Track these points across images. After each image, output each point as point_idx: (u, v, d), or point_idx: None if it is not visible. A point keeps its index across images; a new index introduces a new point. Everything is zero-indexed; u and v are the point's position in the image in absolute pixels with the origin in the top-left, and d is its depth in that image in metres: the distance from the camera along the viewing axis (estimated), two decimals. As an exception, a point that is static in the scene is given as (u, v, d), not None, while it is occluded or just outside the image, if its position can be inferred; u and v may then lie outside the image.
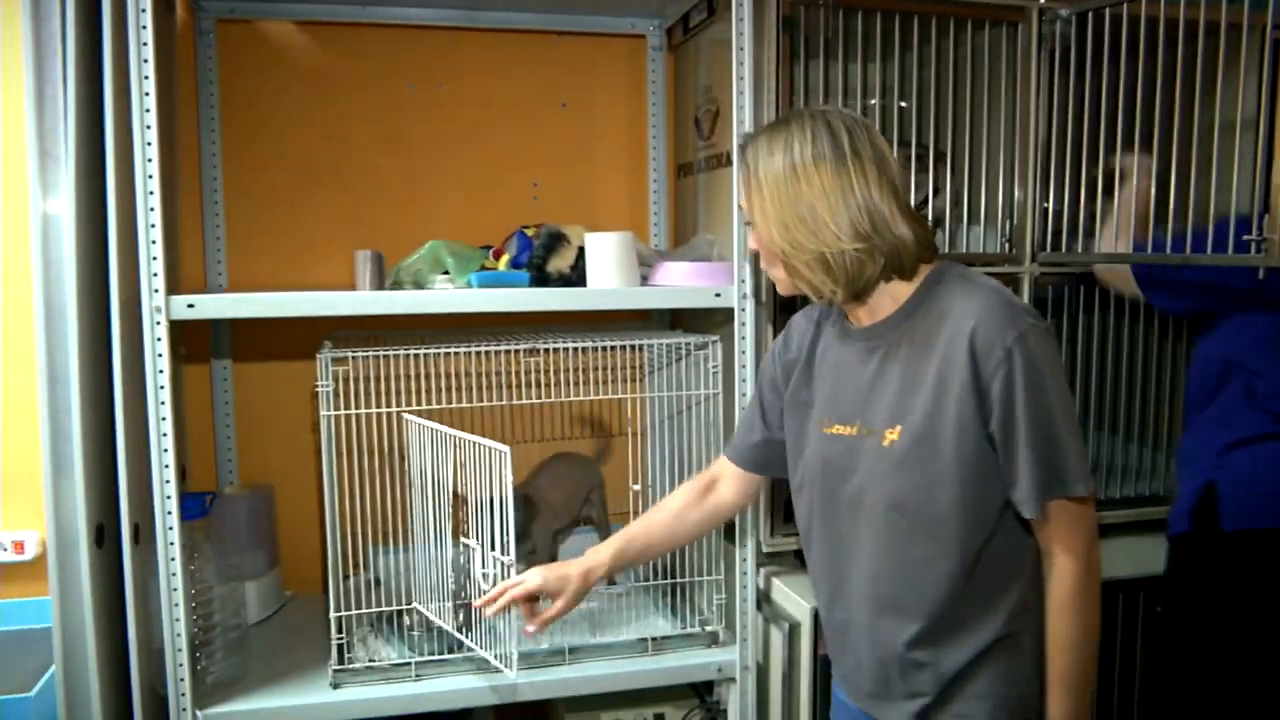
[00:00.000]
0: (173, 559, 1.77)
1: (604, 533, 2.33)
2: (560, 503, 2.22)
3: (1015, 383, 1.28)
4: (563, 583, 1.66)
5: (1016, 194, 2.16)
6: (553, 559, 2.16)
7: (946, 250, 2.13)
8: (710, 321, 2.15)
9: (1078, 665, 1.37)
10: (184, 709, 1.80)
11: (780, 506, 2.08)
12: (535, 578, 1.66)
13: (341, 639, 1.94)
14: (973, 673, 1.39)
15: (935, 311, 1.36)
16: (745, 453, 1.69)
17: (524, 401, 2.10)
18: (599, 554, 1.69)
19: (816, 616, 1.91)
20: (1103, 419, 2.29)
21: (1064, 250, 2.16)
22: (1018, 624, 1.39)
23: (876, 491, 1.39)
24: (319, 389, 1.85)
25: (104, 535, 1.79)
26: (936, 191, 2.11)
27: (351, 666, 1.94)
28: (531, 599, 1.67)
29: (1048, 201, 2.16)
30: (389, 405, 1.91)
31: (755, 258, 1.55)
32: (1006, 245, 2.16)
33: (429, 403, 1.93)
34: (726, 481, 1.73)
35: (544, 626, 1.66)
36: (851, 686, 1.52)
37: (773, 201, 1.37)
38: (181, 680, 1.80)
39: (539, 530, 2.16)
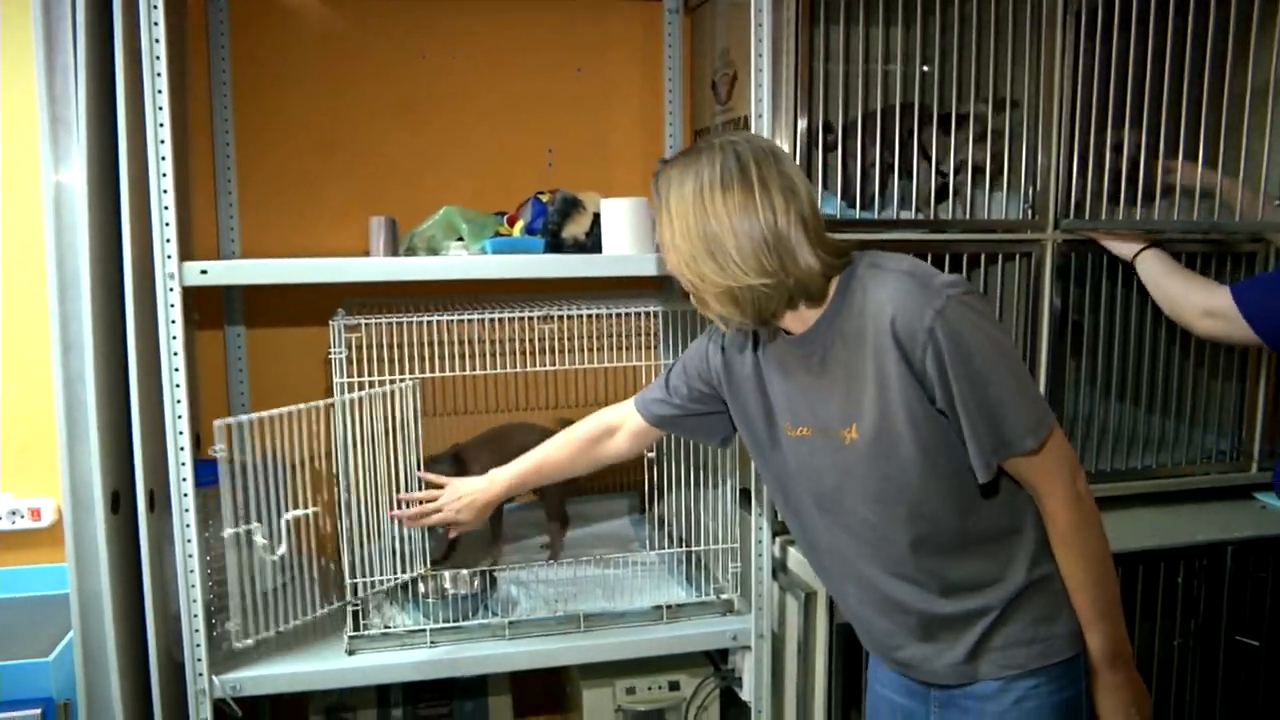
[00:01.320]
0: (188, 525, 1.77)
1: (552, 509, 2.34)
2: (489, 464, 2.19)
3: (944, 359, 1.30)
4: (477, 519, 1.91)
5: (1040, 159, 2.12)
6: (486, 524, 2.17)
7: (967, 217, 2.11)
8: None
9: (1100, 597, 1.40)
10: (200, 674, 1.82)
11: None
12: (467, 516, 1.89)
13: (357, 606, 1.95)
14: (1009, 618, 1.41)
15: (857, 308, 1.38)
16: (656, 418, 1.78)
17: (538, 368, 2.10)
18: (495, 484, 1.89)
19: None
20: (1124, 389, 2.26)
21: (1087, 217, 2.13)
22: (1041, 568, 1.42)
23: (856, 487, 1.43)
24: (332, 356, 1.85)
25: (119, 502, 1.80)
26: (959, 167, 2.08)
27: (367, 633, 1.95)
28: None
29: (1072, 167, 2.13)
30: (403, 372, 1.90)
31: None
32: (1029, 212, 2.13)
33: (443, 369, 1.93)
34: (625, 433, 1.83)
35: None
36: (888, 657, 1.54)
37: (682, 235, 1.38)
38: (198, 646, 1.81)
39: None
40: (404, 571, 2.01)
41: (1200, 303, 1.94)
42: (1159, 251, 2.06)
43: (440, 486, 1.93)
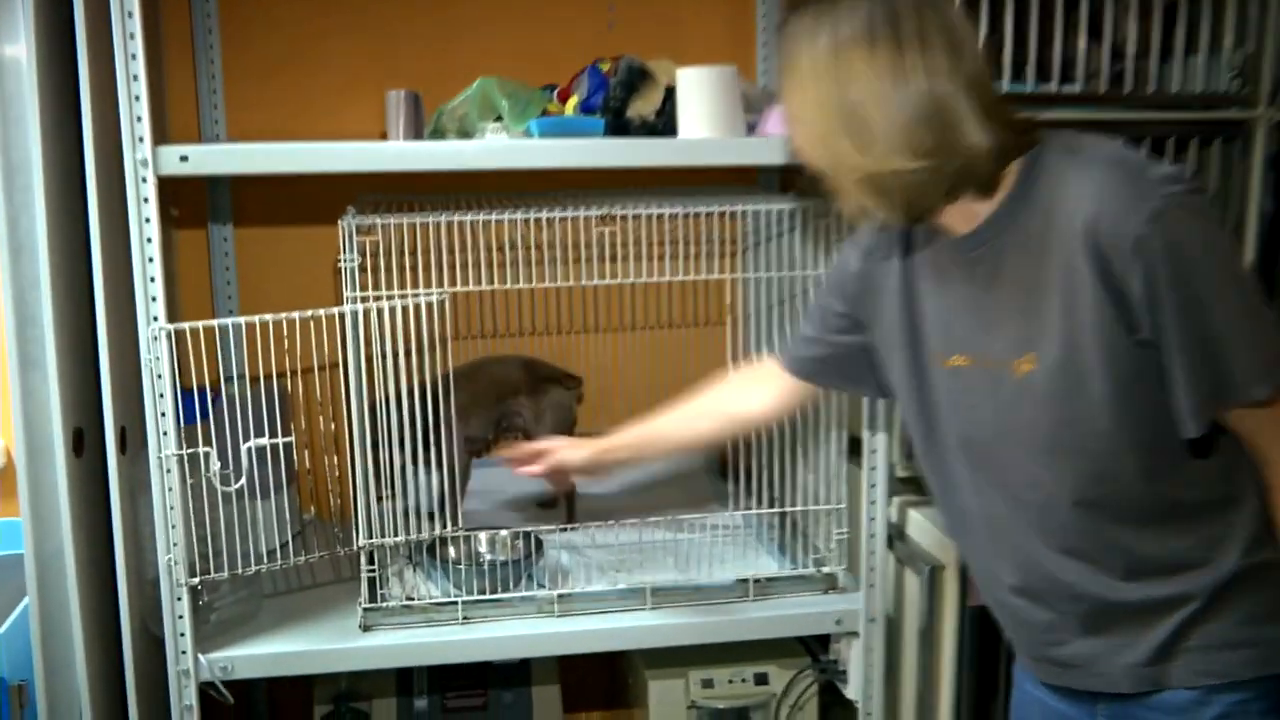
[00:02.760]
0: (168, 471, 1.78)
1: None
2: (464, 402, 2.15)
3: (1156, 277, 1.24)
4: (591, 472, 1.96)
5: (1252, 12, 2.05)
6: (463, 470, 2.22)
7: (1151, 89, 2.05)
8: (832, 183, 2.09)
9: None
10: (183, 651, 1.83)
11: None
12: (576, 456, 1.88)
13: (373, 572, 1.95)
14: (1214, 613, 1.37)
15: (1044, 204, 1.33)
16: (796, 361, 1.75)
17: (595, 281, 2.08)
18: (615, 445, 1.87)
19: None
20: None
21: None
22: (1264, 552, 1.37)
23: (1023, 434, 1.39)
24: (342, 264, 1.84)
25: (84, 442, 1.81)
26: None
27: (385, 605, 1.96)
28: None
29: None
30: (429, 284, 1.89)
31: None
32: (1236, 83, 2.07)
33: (477, 282, 1.93)
34: (769, 390, 1.80)
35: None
36: (1041, 659, 1.50)
37: (814, 104, 1.34)
38: (180, 618, 1.82)
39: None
40: (430, 530, 2.02)
41: None
42: None
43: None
